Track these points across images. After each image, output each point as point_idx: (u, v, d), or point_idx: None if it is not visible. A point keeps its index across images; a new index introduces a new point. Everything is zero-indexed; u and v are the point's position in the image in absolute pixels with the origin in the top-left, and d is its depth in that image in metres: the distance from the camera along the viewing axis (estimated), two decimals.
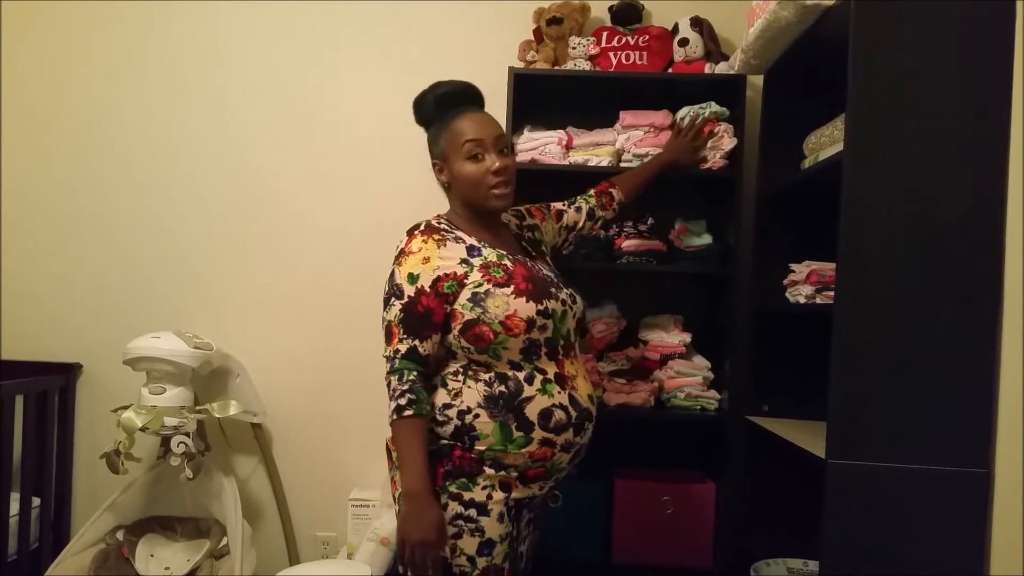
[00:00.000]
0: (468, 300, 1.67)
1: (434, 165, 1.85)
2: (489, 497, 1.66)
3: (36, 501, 2.70)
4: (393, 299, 1.68)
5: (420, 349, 1.65)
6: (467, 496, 1.66)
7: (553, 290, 1.74)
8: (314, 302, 2.85)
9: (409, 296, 1.66)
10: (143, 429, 2.42)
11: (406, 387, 1.62)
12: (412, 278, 1.67)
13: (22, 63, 2.92)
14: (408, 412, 1.61)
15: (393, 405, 1.63)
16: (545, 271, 1.84)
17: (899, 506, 1.64)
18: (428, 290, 1.66)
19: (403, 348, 1.65)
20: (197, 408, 2.57)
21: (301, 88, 2.86)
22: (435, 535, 1.61)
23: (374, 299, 1.70)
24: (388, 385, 1.65)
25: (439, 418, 1.68)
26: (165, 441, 2.56)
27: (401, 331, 1.66)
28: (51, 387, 2.77)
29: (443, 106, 1.82)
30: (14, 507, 2.57)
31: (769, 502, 2.38)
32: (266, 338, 2.86)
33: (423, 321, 1.66)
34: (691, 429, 2.67)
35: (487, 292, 1.66)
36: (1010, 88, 1.63)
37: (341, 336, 2.82)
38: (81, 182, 2.91)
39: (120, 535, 2.60)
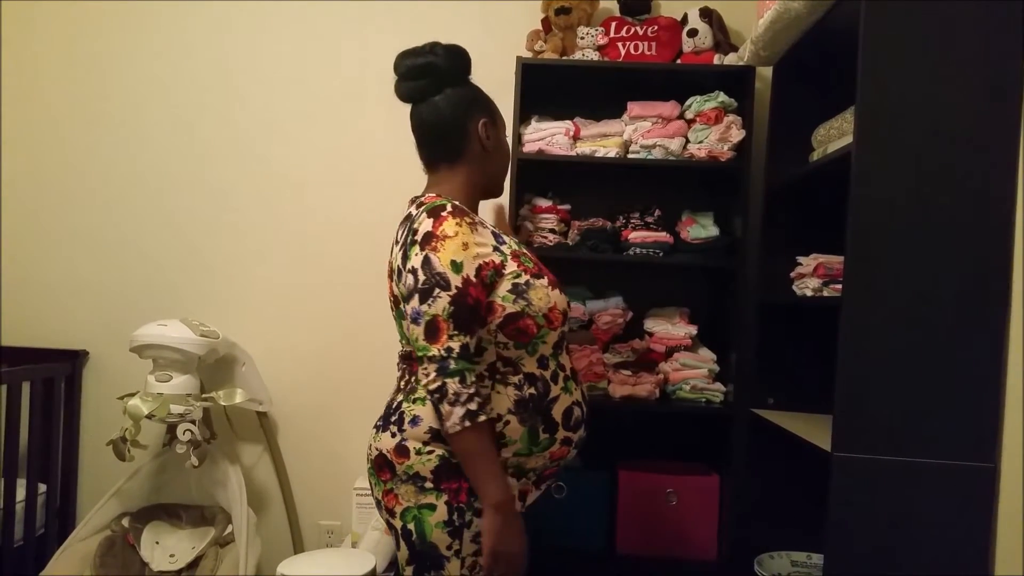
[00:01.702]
0: (509, 292, 1.56)
1: (483, 122, 1.70)
2: None
3: (42, 487, 2.71)
4: (437, 290, 1.48)
5: (471, 346, 1.50)
6: None
7: None
8: (320, 292, 2.85)
9: (457, 287, 1.49)
10: (149, 416, 2.43)
11: (472, 390, 1.47)
12: (456, 266, 1.50)
13: (32, 52, 2.91)
14: (482, 417, 1.47)
15: (462, 411, 1.45)
16: None
17: (904, 500, 1.64)
18: (474, 280, 1.52)
19: (456, 346, 1.47)
20: (203, 396, 2.58)
21: (310, 79, 2.86)
22: (526, 544, 1.55)
23: (379, 291, 1.66)
24: (441, 389, 1.46)
25: None
26: (171, 429, 2.58)
27: (451, 326, 1.47)
28: (58, 374, 2.78)
29: (469, 67, 1.73)
30: (20, 493, 2.58)
31: (773, 495, 2.39)
32: (272, 327, 2.86)
33: (474, 315, 1.51)
34: (696, 421, 2.68)
35: (527, 283, 1.57)
36: (1020, 81, 1.62)
37: (346, 325, 2.83)
38: (89, 170, 2.91)
39: (126, 522, 2.61)
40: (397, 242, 1.64)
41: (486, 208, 1.98)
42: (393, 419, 1.62)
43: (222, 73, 2.88)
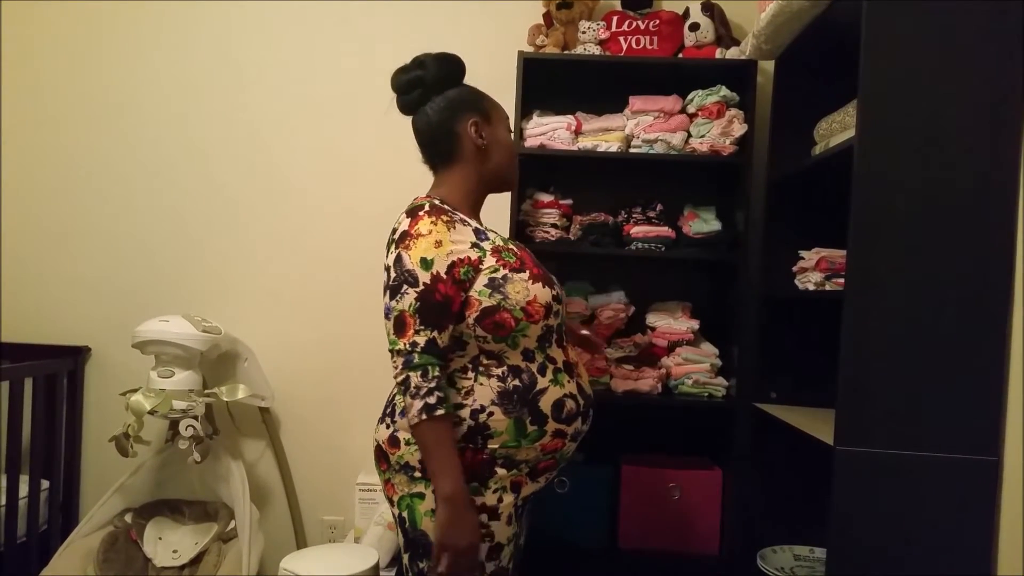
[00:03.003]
0: (486, 286, 1.59)
1: (471, 122, 1.73)
2: (500, 500, 1.61)
3: (45, 484, 2.72)
4: (405, 287, 1.54)
5: (439, 341, 1.54)
6: (479, 501, 1.59)
7: (552, 276, 1.73)
8: (322, 287, 2.85)
9: (425, 283, 1.54)
10: (152, 412, 2.43)
11: (432, 384, 1.51)
12: (426, 263, 1.55)
13: (40, 51, 2.91)
14: (440, 411, 1.50)
15: (420, 404, 1.50)
16: None
17: (907, 493, 1.64)
18: (444, 276, 1.56)
19: (421, 341, 1.52)
20: (205, 392, 2.58)
21: (311, 75, 2.85)
22: (478, 539, 1.55)
23: (381, 286, 1.66)
24: (405, 382, 1.52)
25: None
26: (173, 424, 2.58)
27: (417, 322, 1.53)
28: (60, 370, 2.78)
29: (459, 72, 1.79)
30: (23, 489, 2.58)
31: (776, 489, 2.39)
32: (274, 322, 2.86)
33: (442, 311, 1.55)
34: (698, 416, 2.67)
35: (505, 278, 1.60)
36: (1023, 74, 1.62)
37: (348, 321, 2.83)
38: (90, 167, 2.91)
39: (128, 518, 2.62)
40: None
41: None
42: (388, 411, 1.69)
43: (223, 70, 2.87)
